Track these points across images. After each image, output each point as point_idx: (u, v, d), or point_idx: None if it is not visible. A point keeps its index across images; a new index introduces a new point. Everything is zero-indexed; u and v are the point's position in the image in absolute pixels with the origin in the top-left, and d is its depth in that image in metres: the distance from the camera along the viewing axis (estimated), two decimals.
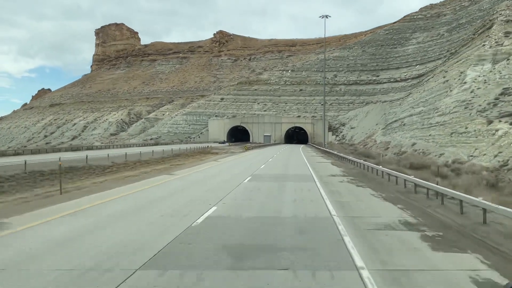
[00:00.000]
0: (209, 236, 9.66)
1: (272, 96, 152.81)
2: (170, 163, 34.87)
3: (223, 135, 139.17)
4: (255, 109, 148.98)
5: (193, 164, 35.54)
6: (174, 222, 11.18)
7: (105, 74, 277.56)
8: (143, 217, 11.86)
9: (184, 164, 34.95)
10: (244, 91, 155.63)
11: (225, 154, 55.02)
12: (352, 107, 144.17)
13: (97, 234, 9.87)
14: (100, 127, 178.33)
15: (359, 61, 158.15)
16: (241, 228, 10.59)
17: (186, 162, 36.58)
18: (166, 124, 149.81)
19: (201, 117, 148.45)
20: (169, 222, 11.18)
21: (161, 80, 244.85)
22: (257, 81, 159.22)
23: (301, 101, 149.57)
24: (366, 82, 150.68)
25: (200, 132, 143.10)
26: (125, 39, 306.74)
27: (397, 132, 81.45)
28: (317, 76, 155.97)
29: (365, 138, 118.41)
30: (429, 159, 38.77)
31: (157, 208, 13.45)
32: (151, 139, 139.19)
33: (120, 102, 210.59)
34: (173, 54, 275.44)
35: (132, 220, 11.52)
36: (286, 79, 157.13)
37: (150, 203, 14.42)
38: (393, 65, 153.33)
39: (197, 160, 40.41)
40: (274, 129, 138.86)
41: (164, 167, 30.94)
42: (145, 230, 10.31)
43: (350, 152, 70.71)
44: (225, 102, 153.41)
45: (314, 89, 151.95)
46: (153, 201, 15.06)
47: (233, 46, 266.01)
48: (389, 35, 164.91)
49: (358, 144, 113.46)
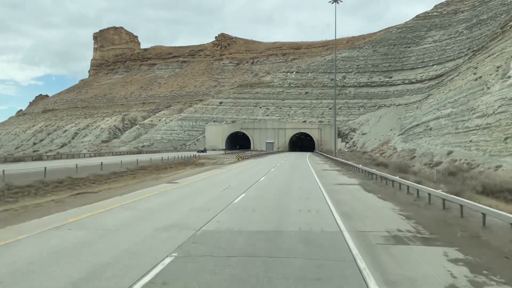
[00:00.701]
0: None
1: (275, 99, 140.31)
2: (104, 186, 22.27)
3: (221, 142, 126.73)
4: (256, 114, 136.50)
5: (143, 186, 22.93)
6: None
7: (102, 79, 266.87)
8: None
9: (126, 186, 22.31)
10: (245, 94, 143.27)
11: (208, 167, 42.54)
12: (363, 111, 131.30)
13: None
14: (92, 134, 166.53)
15: (370, 61, 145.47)
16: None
17: (131, 183, 23.96)
18: (159, 130, 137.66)
19: (197, 122, 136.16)
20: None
21: (159, 84, 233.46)
22: (259, 83, 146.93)
23: (306, 104, 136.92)
24: (378, 84, 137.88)
25: (196, 139, 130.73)
26: (124, 43, 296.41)
27: (423, 138, 68.44)
28: (324, 77, 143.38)
29: (380, 145, 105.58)
30: (499, 176, 25.96)
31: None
32: (142, 146, 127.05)
33: (115, 107, 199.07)
34: (173, 58, 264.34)
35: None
36: (290, 81, 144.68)
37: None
38: (407, 65, 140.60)
39: (158, 179, 27.86)
40: (277, 136, 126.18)
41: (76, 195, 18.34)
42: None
43: (368, 162, 57.92)
44: (224, 106, 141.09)
45: (321, 91, 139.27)
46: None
47: (236, 49, 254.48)
48: (402, 33, 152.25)
49: (372, 152, 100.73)
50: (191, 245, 9.63)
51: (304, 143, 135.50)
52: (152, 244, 9.65)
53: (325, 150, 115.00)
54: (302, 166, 47.27)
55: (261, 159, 66.66)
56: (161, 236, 10.48)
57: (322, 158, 74.58)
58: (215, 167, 42.02)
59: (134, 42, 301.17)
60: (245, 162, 52.40)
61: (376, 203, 17.54)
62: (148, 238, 10.28)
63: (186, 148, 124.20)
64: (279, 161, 58.69)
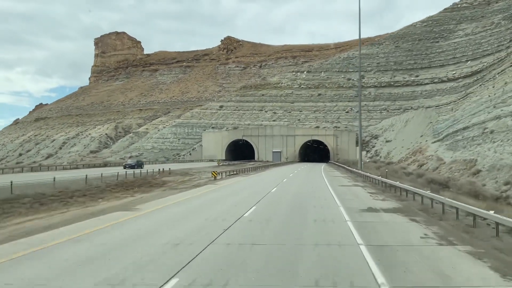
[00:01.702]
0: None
1: (284, 102, 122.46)
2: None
3: (220, 151, 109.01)
4: (262, 119, 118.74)
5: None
6: None
7: (102, 86, 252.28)
8: None
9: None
10: (249, 97, 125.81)
11: (156, 193, 24.61)
12: (385, 115, 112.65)
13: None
14: (80, 144, 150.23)
15: (392, 58, 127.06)
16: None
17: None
18: (150, 138, 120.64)
19: (194, 129, 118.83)
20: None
21: (160, 90, 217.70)
22: (265, 84, 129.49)
23: (319, 108, 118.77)
24: (403, 84, 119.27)
25: (192, 148, 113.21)
26: (126, 49, 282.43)
27: (482, 145, 49.68)
28: (339, 77, 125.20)
29: (409, 154, 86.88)
30: None
31: None
32: (130, 157, 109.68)
33: (110, 115, 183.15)
34: (177, 63, 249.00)
35: None
36: (300, 81, 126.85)
37: None
38: (435, 62, 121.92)
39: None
40: (285, 144, 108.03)
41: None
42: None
43: (410, 179, 39.74)
44: (225, 111, 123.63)
45: (336, 93, 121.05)
46: None
47: (242, 52, 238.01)
48: (428, 27, 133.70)
49: (400, 162, 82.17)
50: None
51: (317, 152, 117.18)
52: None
53: (342, 161, 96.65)
54: (318, 190, 29.08)
55: (258, 174, 48.86)
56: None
57: (342, 172, 56.42)
58: (171, 193, 24.25)
59: (137, 47, 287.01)
60: (229, 182, 34.33)
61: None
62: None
63: (180, 159, 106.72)
64: (282, 177, 40.77)
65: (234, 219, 13.67)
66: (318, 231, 11.66)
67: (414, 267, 7.90)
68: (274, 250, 9.33)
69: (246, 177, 41.51)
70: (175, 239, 10.47)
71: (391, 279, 7.11)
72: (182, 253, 9.09)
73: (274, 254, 8.95)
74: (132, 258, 8.62)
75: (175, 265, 8.03)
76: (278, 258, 8.55)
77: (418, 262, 8.32)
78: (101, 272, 7.67)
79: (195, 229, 12.02)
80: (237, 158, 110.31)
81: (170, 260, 8.47)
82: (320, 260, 8.43)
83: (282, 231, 11.70)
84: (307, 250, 9.33)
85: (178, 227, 12.45)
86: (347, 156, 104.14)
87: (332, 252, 9.14)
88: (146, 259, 8.55)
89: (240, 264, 8.19)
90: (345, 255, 8.86)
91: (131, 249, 9.54)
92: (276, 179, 37.65)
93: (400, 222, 13.83)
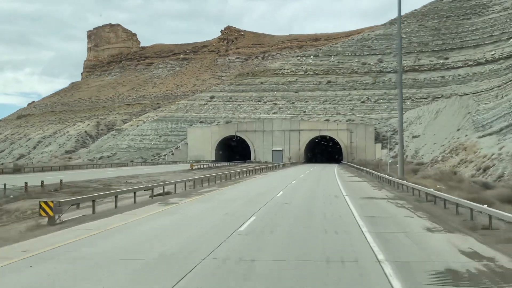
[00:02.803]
0: None
1: (286, 91, 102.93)
2: None
3: (209, 150, 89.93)
4: (259, 111, 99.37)
5: None
6: None
7: (94, 81, 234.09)
8: None
9: None
10: (245, 86, 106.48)
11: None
12: (410, 105, 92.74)
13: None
14: (56, 143, 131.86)
15: (415, 39, 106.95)
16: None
17: None
18: (127, 136, 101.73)
19: (179, 124, 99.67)
20: None
21: (154, 84, 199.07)
22: (265, 71, 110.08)
23: (329, 97, 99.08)
24: (430, 68, 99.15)
25: (175, 147, 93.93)
26: (121, 42, 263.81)
27: None
28: (353, 61, 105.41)
29: (446, 152, 67.16)
30: None
31: None
32: (100, 158, 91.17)
33: (95, 111, 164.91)
34: (173, 56, 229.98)
35: None
36: (306, 67, 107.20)
37: None
38: (468, 42, 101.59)
39: None
40: (288, 140, 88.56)
41: None
42: None
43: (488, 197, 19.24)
44: (217, 102, 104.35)
45: (349, 79, 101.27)
46: None
47: (244, 43, 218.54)
48: (456, 2, 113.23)
49: (435, 163, 63.11)
50: None
51: (326, 151, 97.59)
52: None
53: (358, 161, 77.13)
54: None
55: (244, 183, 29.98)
56: None
57: (371, 181, 36.86)
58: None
59: (132, 40, 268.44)
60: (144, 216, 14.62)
61: None
62: None
63: (160, 160, 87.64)
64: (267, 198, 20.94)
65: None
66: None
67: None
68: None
69: (217, 192, 22.22)
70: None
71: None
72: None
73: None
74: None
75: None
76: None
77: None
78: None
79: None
80: (230, 159, 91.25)
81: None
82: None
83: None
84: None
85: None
86: (363, 156, 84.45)
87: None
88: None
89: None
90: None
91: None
92: (260, 199, 18.29)
93: None
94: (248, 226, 12.28)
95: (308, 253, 8.96)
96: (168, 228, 12.25)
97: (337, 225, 12.47)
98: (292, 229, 11.97)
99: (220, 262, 8.12)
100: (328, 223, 12.94)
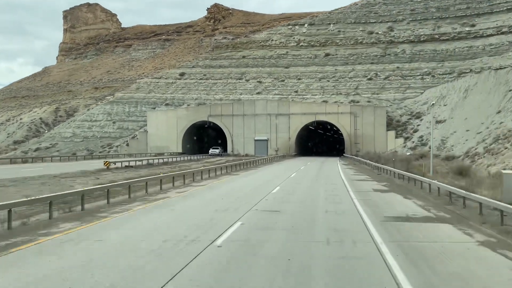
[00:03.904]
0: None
1: (274, 67, 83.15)
2: None
3: (175, 139, 70.55)
4: (240, 91, 79.77)
5: None
6: None
7: (68, 65, 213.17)
8: None
9: None
10: (223, 61, 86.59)
11: None
12: (429, 82, 73.56)
13: None
14: (5, 132, 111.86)
15: (432, 3, 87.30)
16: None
17: None
18: (73, 122, 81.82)
19: (139, 107, 79.84)
20: None
21: (131, 67, 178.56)
22: (248, 43, 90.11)
23: (328, 74, 79.48)
24: (453, 37, 79.75)
25: (131, 136, 74.05)
26: (100, 23, 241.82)
27: None
28: (357, 30, 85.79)
29: (485, 142, 49.10)
30: None
31: None
32: (36, 150, 71.64)
33: (59, 95, 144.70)
34: (154, 37, 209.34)
35: None
36: (299, 37, 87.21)
37: None
38: (500, 5, 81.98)
39: None
40: (274, 127, 69.26)
41: None
42: None
43: None
44: (188, 80, 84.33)
45: (353, 52, 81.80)
46: None
47: (232, 22, 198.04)
48: None
49: (479, 158, 44.82)
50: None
51: (324, 140, 78.39)
52: None
53: (366, 154, 58.30)
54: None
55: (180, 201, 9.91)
56: None
57: (410, 194, 16.53)
58: None
59: (112, 21, 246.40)
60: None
61: None
62: None
63: (111, 152, 67.94)
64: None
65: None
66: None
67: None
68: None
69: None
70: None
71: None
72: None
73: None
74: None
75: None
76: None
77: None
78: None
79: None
80: (201, 150, 72.14)
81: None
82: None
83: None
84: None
85: None
86: (371, 147, 65.40)
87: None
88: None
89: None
90: None
91: None
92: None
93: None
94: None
95: None
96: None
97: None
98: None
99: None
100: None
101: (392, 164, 35.38)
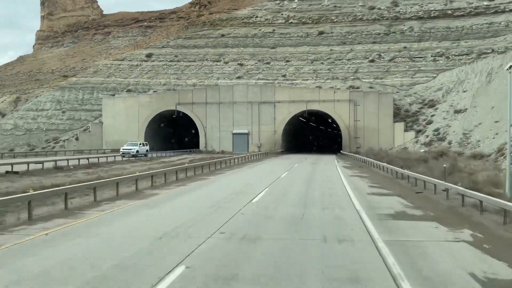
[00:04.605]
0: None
1: (258, 47, 70.72)
2: None
3: (136, 132, 57.99)
4: (217, 75, 67.19)
5: None
6: None
7: (43, 53, 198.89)
8: None
9: None
10: (199, 40, 74.05)
11: None
12: (443, 65, 61.60)
13: None
14: None
15: None
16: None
17: None
18: (16, 112, 68.81)
19: (95, 94, 67.08)
20: None
21: (108, 55, 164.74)
22: (228, 20, 77.46)
23: (322, 55, 67.23)
24: (469, 12, 67.79)
25: (83, 128, 61.19)
26: (79, 9, 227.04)
27: None
28: (355, 5, 73.35)
29: None
30: None
31: None
32: None
33: (24, 85, 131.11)
34: (135, 24, 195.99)
35: None
36: (288, 14, 74.71)
37: None
38: None
39: None
40: (257, 118, 57.03)
41: None
42: None
43: None
44: (156, 63, 71.60)
45: (351, 29, 69.65)
46: None
47: (219, 7, 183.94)
48: None
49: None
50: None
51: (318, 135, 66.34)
52: None
53: (368, 151, 46.28)
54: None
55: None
56: None
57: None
58: None
59: (92, 8, 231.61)
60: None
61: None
62: None
63: (56, 149, 55.11)
64: None
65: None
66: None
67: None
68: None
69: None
70: None
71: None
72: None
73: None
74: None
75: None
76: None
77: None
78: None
79: None
80: (167, 146, 59.72)
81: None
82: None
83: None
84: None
85: None
86: (375, 142, 53.29)
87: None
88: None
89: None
90: None
91: None
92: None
93: None
94: None
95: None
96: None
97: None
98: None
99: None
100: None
101: (424, 169, 22.93)
